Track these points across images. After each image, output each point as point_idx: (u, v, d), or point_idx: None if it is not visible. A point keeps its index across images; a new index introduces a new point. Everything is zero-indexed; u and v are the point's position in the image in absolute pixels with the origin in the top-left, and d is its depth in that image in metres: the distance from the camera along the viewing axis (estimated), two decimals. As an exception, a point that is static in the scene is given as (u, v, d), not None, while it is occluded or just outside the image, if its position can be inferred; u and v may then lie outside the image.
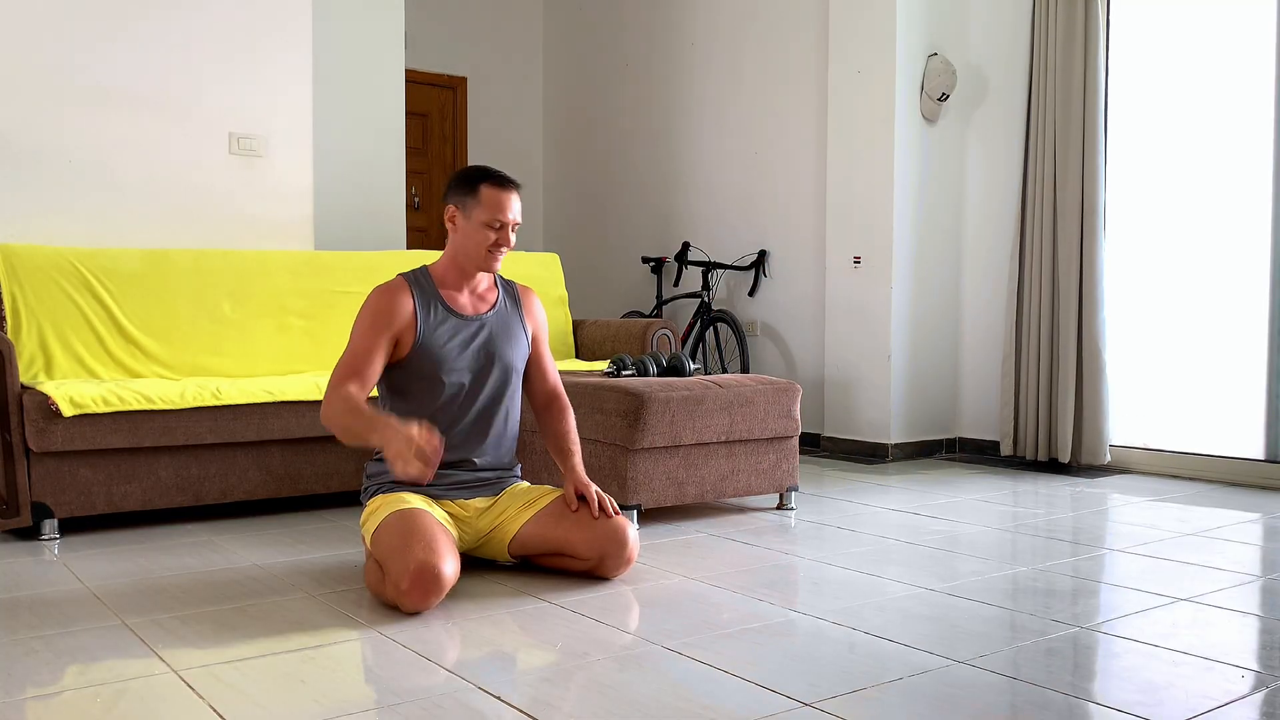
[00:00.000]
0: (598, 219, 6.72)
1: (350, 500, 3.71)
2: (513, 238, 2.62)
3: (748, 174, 5.69)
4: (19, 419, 3.02)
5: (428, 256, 4.30)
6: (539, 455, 3.55)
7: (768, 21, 5.55)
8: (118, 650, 2.07)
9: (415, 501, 2.52)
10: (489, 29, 6.89)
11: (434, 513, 2.53)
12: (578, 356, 4.59)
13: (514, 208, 2.60)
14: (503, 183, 2.60)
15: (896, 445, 4.88)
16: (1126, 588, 2.60)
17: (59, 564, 2.79)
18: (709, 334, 5.68)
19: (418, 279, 2.66)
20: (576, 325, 4.66)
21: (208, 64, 4.11)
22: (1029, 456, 4.64)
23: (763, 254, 5.55)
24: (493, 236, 2.59)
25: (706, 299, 5.57)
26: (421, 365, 2.60)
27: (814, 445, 5.19)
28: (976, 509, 3.64)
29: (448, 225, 2.63)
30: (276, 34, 4.25)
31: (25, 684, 1.88)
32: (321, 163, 4.87)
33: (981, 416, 5.00)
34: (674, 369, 3.65)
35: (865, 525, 3.37)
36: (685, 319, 6.07)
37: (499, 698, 1.82)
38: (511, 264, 4.50)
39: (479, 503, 2.68)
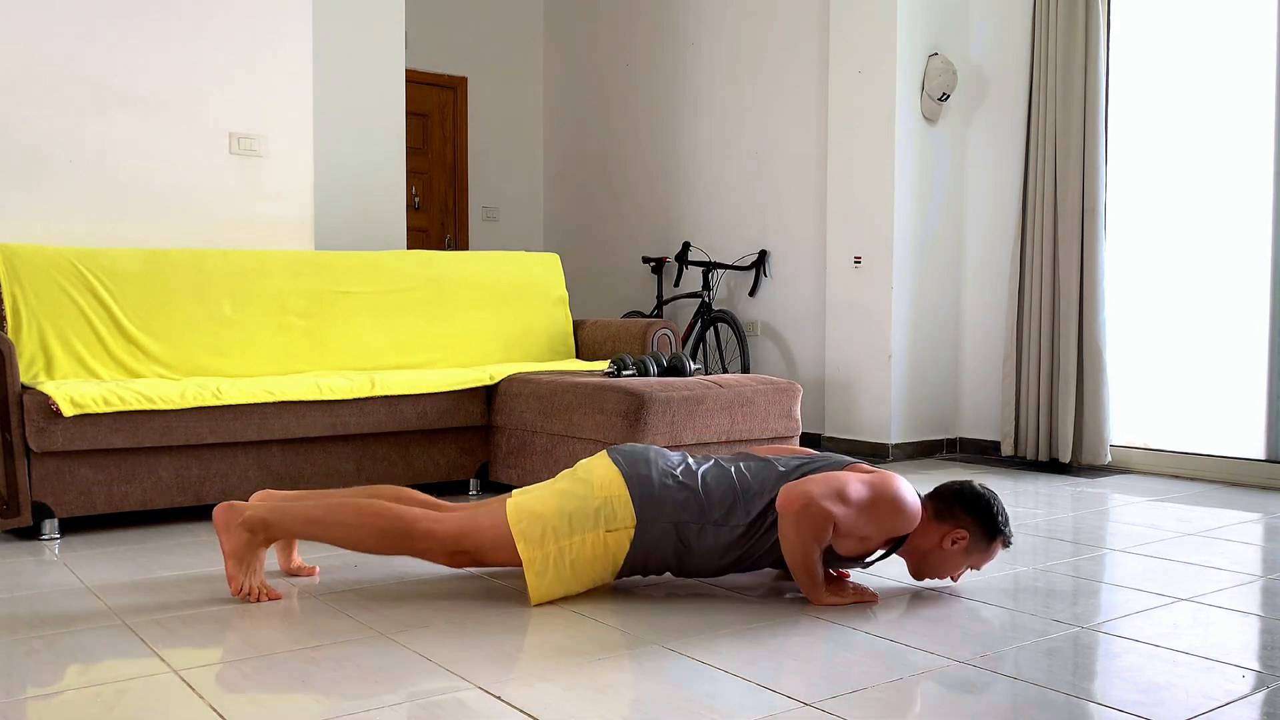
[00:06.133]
0: (598, 219, 6.72)
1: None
2: None
3: (748, 174, 5.69)
4: (19, 419, 3.02)
5: (428, 256, 4.30)
6: (538, 455, 3.55)
7: (768, 21, 5.55)
8: (118, 650, 2.07)
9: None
10: (489, 29, 6.89)
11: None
12: (578, 356, 4.59)
13: None
14: (1007, 547, 2.54)
15: (897, 445, 4.88)
16: (1127, 587, 2.60)
17: (59, 564, 2.79)
18: (709, 334, 5.68)
19: None
20: (577, 325, 4.65)
21: (208, 64, 4.11)
22: (1030, 456, 4.64)
23: (763, 254, 5.55)
24: (964, 573, 2.59)
25: (707, 299, 5.57)
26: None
27: (815, 445, 5.18)
28: (977, 509, 3.63)
29: (947, 538, 2.49)
30: (276, 34, 4.25)
31: (25, 684, 1.88)
32: (321, 162, 4.87)
33: (982, 416, 5.00)
34: (674, 369, 3.65)
35: (865, 525, 3.36)
36: (686, 319, 6.07)
37: (499, 698, 1.82)
38: (512, 264, 4.49)
39: None
